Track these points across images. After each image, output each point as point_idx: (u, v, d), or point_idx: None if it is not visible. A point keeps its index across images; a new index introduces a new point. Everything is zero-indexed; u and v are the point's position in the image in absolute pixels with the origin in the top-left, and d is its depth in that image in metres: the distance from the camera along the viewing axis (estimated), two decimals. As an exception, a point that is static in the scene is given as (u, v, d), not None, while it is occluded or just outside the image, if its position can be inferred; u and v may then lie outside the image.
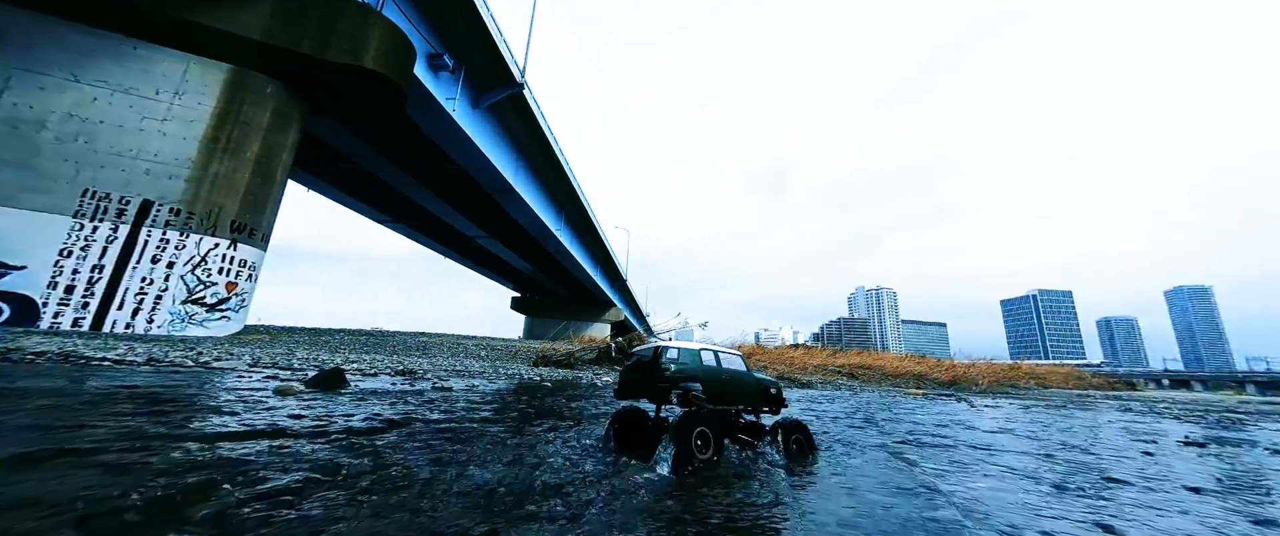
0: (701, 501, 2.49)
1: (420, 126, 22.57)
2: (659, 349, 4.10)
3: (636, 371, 4.21)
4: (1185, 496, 3.17)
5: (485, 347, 23.07)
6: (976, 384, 34.96)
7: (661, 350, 4.06)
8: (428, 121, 22.43)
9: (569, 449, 3.69)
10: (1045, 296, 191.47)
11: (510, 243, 41.37)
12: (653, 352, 4.11)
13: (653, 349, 4.17)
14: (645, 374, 4.05)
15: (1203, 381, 60.01)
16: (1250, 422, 12.57)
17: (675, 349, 4.11)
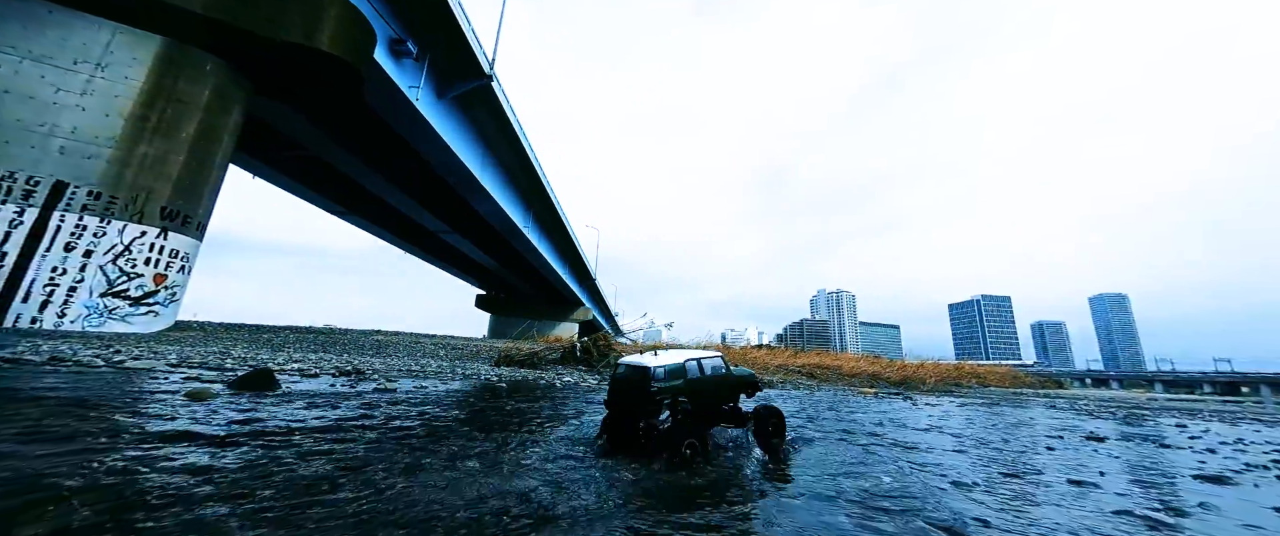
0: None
1: (380, 115, 21.63)
2: (645, 367, 4.25)
3: (624, 388, 4.35)
4: (1067, 490, 3.53)
5: (445, 347, 22.35)
6: (924, 383, 37.15)
7: (648, 369, 4.22)
8: (388, 110, 21.54)
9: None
10: (987, 301, 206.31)
11: (476, 238, 40.35)
12: (641, 371, 4.27)
13: (640, 366, 4.32)
14: (634, 391, 4.22)
15: (1119, 380, 66.39)
16: (1151, 418, 14.05)
17: (661, 367, 4.27)
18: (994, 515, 2.63)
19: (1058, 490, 3.39)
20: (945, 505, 2.82)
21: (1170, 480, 3.99)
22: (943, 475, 3.84)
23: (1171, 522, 2.53)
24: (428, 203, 32.98)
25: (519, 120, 29.44)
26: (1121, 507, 2.82)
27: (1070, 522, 2.48)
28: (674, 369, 4.33)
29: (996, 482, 3.55)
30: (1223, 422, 12.74)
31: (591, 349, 25.83)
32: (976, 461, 4.62)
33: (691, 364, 4.50)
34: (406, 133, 22.83)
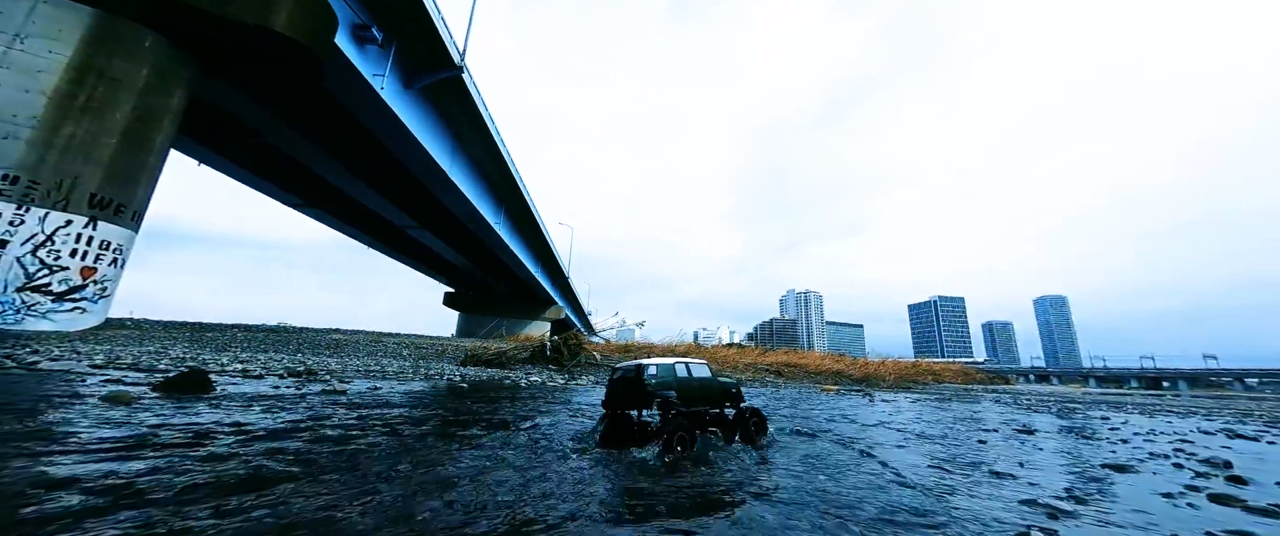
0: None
1: (342, 103, 20.67)
2: (641, 366, 4.87)
3: (622, 385, 4.93)
4: (985, 480, 3.81)
5: (409, 346, 21.62)
6: (884, 380, 38.86)
7: (643, 367, 4.84)
8: (351, 99, 20.62)
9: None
10: (943, 302, 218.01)
11: (444, 234, 39.19)
12: (636, 369, 4.88)
13: (636, 366, 4.92)
14: (630, 387, 4.77)
15: (1058, 376, 71.50)
16: (1082, 411, 15.24)
17: (654, 366, 4.88)
18: (907, 504, 2.81)
19: (977, 480, 3.66)
20: (871, 500, 2.99)
21: (1080, 469, 4.38)
22: (880, 467, 4.06)
23: (1069, 509, 2.79)
24: (394, 196, 31.81)
25: (491, 115, 28.79)
26: (1029, 496, 3.08)
27: (980, 511, 2.69)
28: (665, 369, 4.89)
29: (925, 474, 3.79)
30: (1142, 415, 13.93)
31: (561, 348, 25.60)
32: (913, 454, 4.92)
33: (680, 367, 5.07)
34: (371, 123, 21.93)
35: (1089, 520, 2.62)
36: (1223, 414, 14.99)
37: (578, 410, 7.47)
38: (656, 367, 4.88)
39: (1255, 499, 3.47)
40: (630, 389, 4.79)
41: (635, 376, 4.81)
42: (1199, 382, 57.84)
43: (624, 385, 4.90)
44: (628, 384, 4.85)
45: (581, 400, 9.30)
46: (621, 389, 4.92)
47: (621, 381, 4.97)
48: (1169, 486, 3.79)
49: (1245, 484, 4.12)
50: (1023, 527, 2.28)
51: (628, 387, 4.83)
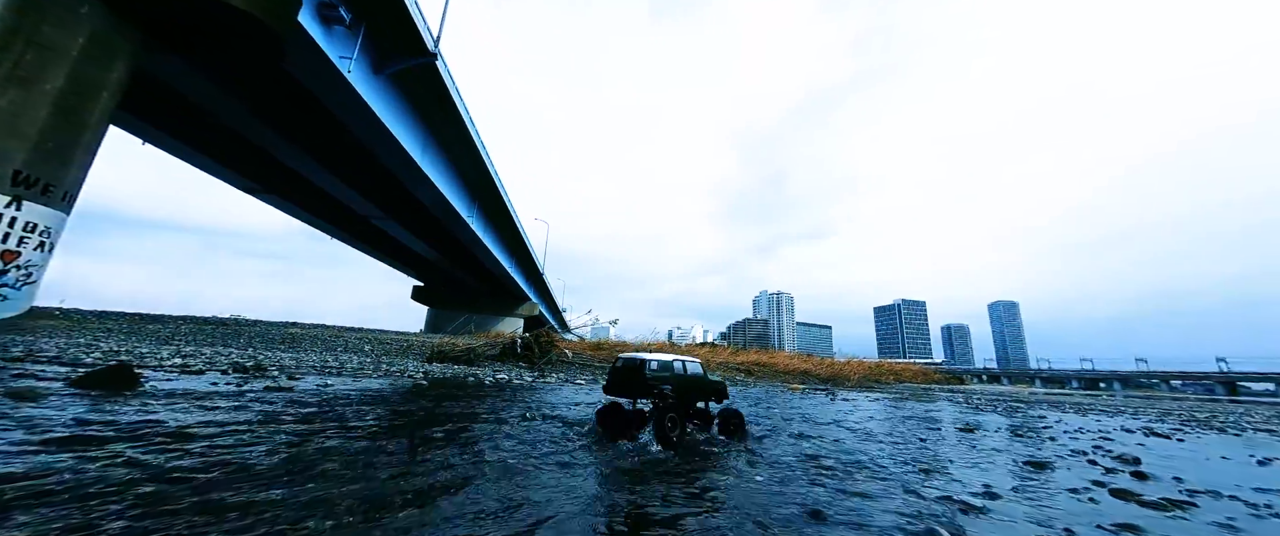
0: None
1: (305, 86, 19.74)
2: (643, 359, 5.39)
3: (624, 374, 5.46)
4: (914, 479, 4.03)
5: (372, 341, 20.88)
6: (849, 379, 40.27)
7: (645, 361, 5.35)
8: (315, 81, 19.71)
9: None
10: (906, 305, 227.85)
11: (414, 226, 38.00)
12: (639, 362, 5.41)
13: (638, 358, 5.45)
14: (631, 377, 5.30)
15: (1008, 377, 75.91)
16: (1025, 410, 16.23)
17: (654, 360, 5.41)
18: (831, 503, 2.95)
19: (904, 479, 3.87)
20: (796, 499, 3.13)
21: (1004, 467, 4.69)
22: (815, 467, 4.23)
23: (980, 505, 2.99)
24: (360, 185, 30.61)
25: (466, 106, 28.10)
26: (948, 493, 3.29)
27: (898, 508, 2.85)
28: (664, 363, 5.45)
29: (854, 472, 3.98)
30: (1077, 414, 14.93)
31: (532, 345, 25.33)
32: (856, 453, 5.14)
33: (676, 362, 5.63)
34: (336, 108, 21.02)
35: (996, 516, 2.81)
36: (1147, 413, 16.23)
37: (539, 413, 7.43)
38: (657, 362, 5.39)
39: (1152, 493, 3.81)
40: (631, 378, 5.28)
41: (638, 368, 5.31)
42: (1131, 384, 62.57)
43: (626, 374, 5.40)
44: (630, 373, 5.34)
45: (547, 400, 9.24)
46: (623, 377, 5.42)
47: (624, 371, 5.45)
48: (1079, 482, 4.11)
49: (1147, 479, 4.52)
50: (933, 524, 2.43)
51: (629, 376, 5.33)
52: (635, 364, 5.40)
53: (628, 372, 5.40)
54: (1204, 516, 3.15)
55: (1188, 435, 9.41)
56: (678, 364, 5.60)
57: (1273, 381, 52.54)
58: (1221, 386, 55.60)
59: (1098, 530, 2.64)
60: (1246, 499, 3.85)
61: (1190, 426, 11.64)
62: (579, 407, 7.79)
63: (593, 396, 10.44)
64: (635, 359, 5.46)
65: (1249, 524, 3.10)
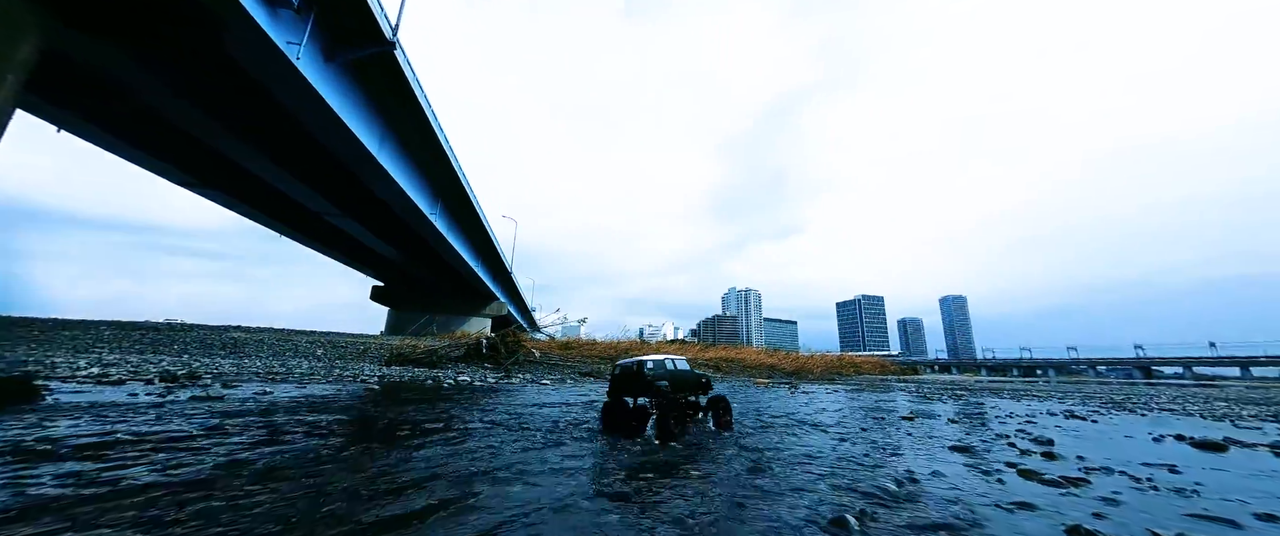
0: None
1: (250, 73, 18.49)
2: (640, 362, 6.11)
3: (625, 376, 6.26)
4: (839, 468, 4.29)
5: (326, 345, 19.84)
6: (812, 372, 41.71)
7: (642, 363, 6.07)
8: (261, 69, 18.51)
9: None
10: (866, 300, 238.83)
11: (372, 224, 36.38)
12: (637, 365, 6.14)
13: (638, 361, 6.17)
14: (632, 377, 6.07)
15: (957, 366, 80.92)
16: (967, 396, 17.37)
17: (650, 361, 6.11)
18: (750, 495, 3.10)
19: (836, 467, 4.09)
20: (721, 493, 3.26)
21: (928, 453, 5.04)
22: (751, 458, 4.41)
23: (895, 489, 3.22)
24: (313, 180, 29.02)
25: (429, 99, 27.11)
26: (873, 480, 3.50)
27: (821, 497, 3.03)
28: (657, 363, 6.15)
29: (788, 462, 4.17)
30: (1012, 399, 16.10)
31: (499, 345, 24.83)
32: (795, 444, 5.38)
33: (669, 362, 6.34)
34: (285, 97, 19.82)
35: (910, 499, 3.03)
36: (1073, 397, 17.72)
37: (496, 419, 7.32)
38: (653, 363, 6.08)
39: (1054, 472, 4.19)
40: (633, 379, 6.03)
41: (636, 370, 6.09)
42: (1064, 370, 68.09)
43: (627, 376, 6.18)
44: (631, 375, 6.12)
45: (508, 405, 9.11)
46: (625, 380, 6.18)
47: (625, 374, 6.25)
48: (994, 464, 4.47)
49: (1054, 459, 4.96)
50: (846, 513, 2.60)
51: (630, 378, 6.09)
52: (634, 366, 6.15)
53: (628, 375, 6.18)
54: (1094, 492, 3.50)
55: (1102, 416, 10.34)
56: (669, 362, 6.29)
57: (1181, 365, 58.60)
58: (1139, 371, 61.46)
59: (995, 508, 2.89)
60: (1135, 474, 4.30)
61: (1106, 408, 12.80)
62: (546, 411, 7.72)
63: (559, 397, 10.37)
64: (633, 362, 6.23)
65: (1130, 496, 3.47)
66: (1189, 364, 57.52)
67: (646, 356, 6.22)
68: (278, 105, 20.28)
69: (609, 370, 27.33)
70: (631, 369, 6.17)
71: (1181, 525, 2.77)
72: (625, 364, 6.32)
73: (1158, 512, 3.04)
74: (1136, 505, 3.18)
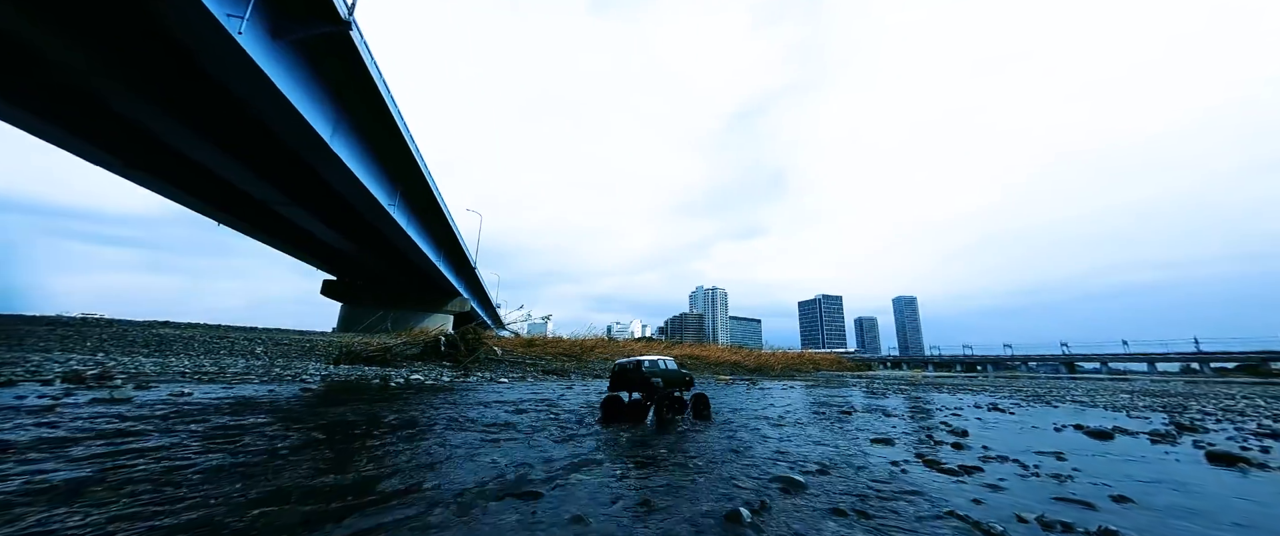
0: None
1: (179, 41, 17.10)
2: (638, 361, 7.00)
3: (625, 373, 7.06)
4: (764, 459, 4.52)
5: (268, 342, 18.63)
6: (773, 369, 42.99)
7: (640, 362, 6.98)
8: (198, 43, 17.16)
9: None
10: (826, 300, 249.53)
11: (324, 214, 34.51)
12: (635, 364, 7.01)
13: (635, 360, 7.05)
14: (632, 375, 6.90)
15: (907, 362, 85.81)
16: (910, 390, 18.45)
17: (646, 360, 7.02)
18: (658, 489, 3.22)
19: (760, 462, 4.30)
20: (634, 485, 3.37)
21: (852, 445, 5.37)
22: (684, 451, 4.57)
23: (802, 481, 3.42)
24: (258, 167, 27.21)
25: (388, 86, 25.93)
26: (785, 474, 3.70)
27: (728, 491, 3.18)
28: (654, 361, 7.11)
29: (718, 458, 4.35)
30: (949, 393, 17.20)
31: (459, 343, 24.16)
32: (733, 438, 5.60)
33: (660, 361, 7.24)
34: (227, 77, 18.48)
35: (810, 491, 3.23)
36: (1003, 391, 19.14)
37: (445, 417, 7.16)
38: (647, 362, 7.03)
39: (955, 462, 4.56)
40: (631, 375, 6.92)
41: (634, 368, 6.96)
42: (1000, 366, 73.53)
43: (626, 373, 7.04)
44: (629, 372, 7.01)
45: (458, 404, 8.92)
46: (624, 376, 7.05)
47: (623, 371, 7.11)
48: (903, 455, 4.82)
49: (962, 449, 5.39)
50: (740, 506, 2.75)
51: (629, 375, 6.97)
52: (632, 365, 7.04)
53: (627, 372, 7.07)
54: (983, 479, 3.85)
55: (1022, 408, 11.26)
56: (660, 362, 7.21)
57: (1099, 361, 64.69)
58: (1064, 366, 67.34)
59: (883, 498, 3.13)
60: (1026, 461, 4.74)
61: (1028, 401, 13.93)
62: (490, 412, 7.62)
63: (514, 395, 10.23)
64: (632, 362, 7.12)
65: (1013, 482, 3.83)
66: (1105, 360, 63.53)
67: (643, 356, 7.13)
68: (215, 83, 18.87)
69: (573, 367, 27.18)
70: (629, 367, 7.01)
71: (1046, 508, 3.09)
72: (624, 362, 7.14)
73: (1031, 497, 3.38)
74: (1016, 490, 3.53)
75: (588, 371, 26.11)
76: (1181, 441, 6.47)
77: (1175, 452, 5.64)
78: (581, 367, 27.65)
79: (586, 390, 12.38)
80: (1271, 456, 5.67)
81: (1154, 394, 18.71)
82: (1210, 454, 5.39)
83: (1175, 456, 5.41)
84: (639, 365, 6.90)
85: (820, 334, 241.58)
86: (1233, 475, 4.50)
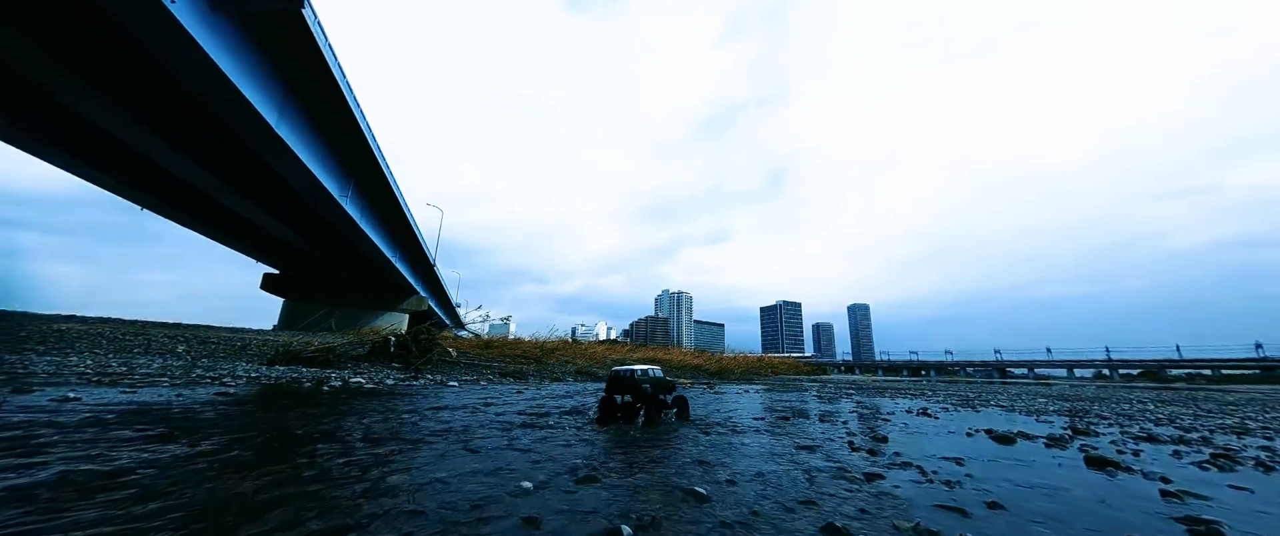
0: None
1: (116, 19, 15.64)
2: (632, 370, 7.96)
3: (619, 379, 8.00)
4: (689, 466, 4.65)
5: (191, 340, 17.16)
6: (733, 373, 43.91)
7: (633, 371, 7.95)
8: (128, 11, 15.66)
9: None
10: (786, 306, 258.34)
11: (270, 205, 32.37)
12: (629, 372, 7.97)
13: (629, 369, 8.05)
14: (626, 381, 7.84)
15: (859, 367, 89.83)
16: (857, 395, 19.30)
17: (639, 369, 8.07)
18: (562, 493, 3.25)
19: (675, 468, 4.40)
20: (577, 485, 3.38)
21: (779, 451, 5.60)
22: (614, 469, 4.60)
23: (707, 493, 3.53)
24: (191, 148, 25.15)
25: (344, 70, 24.64)
26: (694, 485, 3.82)
27: (623, 507, 3.25)
28: (645, 370, 8.12)
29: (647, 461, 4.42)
30: (888, 398, 18.14)
31: (410, 343, 23.24)
32: (657, 444, 5.68)
33: (652, 370, 8.24)
34: (159, 49, 16.93)
35: (715, 501, 3.34)
36: (938, 396, 20.33)
37: (370, 432, 6.87)
38: (640, 371, 8.00)
39: (862, 469, 4.83)
40: (625, 382, 7.87)
41: (628, 376, 7.91)
42: (942, 371, 78.51)
43: (620, 379, 7.98)
44: (623, 378, 7.95)
45: (400, 414, 8.58)
46: (620, 382, 7.96)
47: (618, 377, 8.04)
48: (821, 462, 5.08)
49: (875, 455, 5.73)
50: (622, 523, 2.80)
51: (623, 381, 7.91)
52: (626, 372, 7.98)
53: (621, 378, 7.98)
54: (880, 487, 4.10)
55: (947, 414, 12.01)
56: (651, 370, 8.12)
57: (1026, 367, 70.45)
58: (997, 371, 72.82)
59: (782, 507, 3.29)
60: (928, 467, 5.09)
61: (955, 405, 14.89)
62: (428, 420, 7.36)
63: (457, 400, 9.92)
64: (626, 370, 8.03)
65: (908, 489, 4.10)
66: (1032, 366, 69.23)
67: (636, 366, 8.18)
68: (152, 62, 17.30)
69: (533, 370, 26.67)
70: (624, 375, 7.94)
71: (924, 515, 3.34)
72: (619, 370, 8.05)
73: (917, 504, 3.63)
74: (905, 498, 3.78)
75: (547, 374, 25.75)
76: (1071, 445, 7.12)
77: (1062, 457, 6.21)
78: (541, 370, 27.23)
79: (538, 396, 12.19)
80: (1141, 459, 6.35)
81: (1067, 398, 20.45)
82: (1089, 458, 5.97)
83: (1060, 460, 5.95)
84: (632, 373, 7.91)
85: (780, 339, 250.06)
86: (1102, 478, 5.00)
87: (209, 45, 17.40)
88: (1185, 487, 4.41)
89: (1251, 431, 9.31)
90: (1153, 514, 3.59)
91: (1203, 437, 8.18)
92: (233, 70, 18.99)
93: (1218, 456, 6.42)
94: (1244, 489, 4.59)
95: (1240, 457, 6.36)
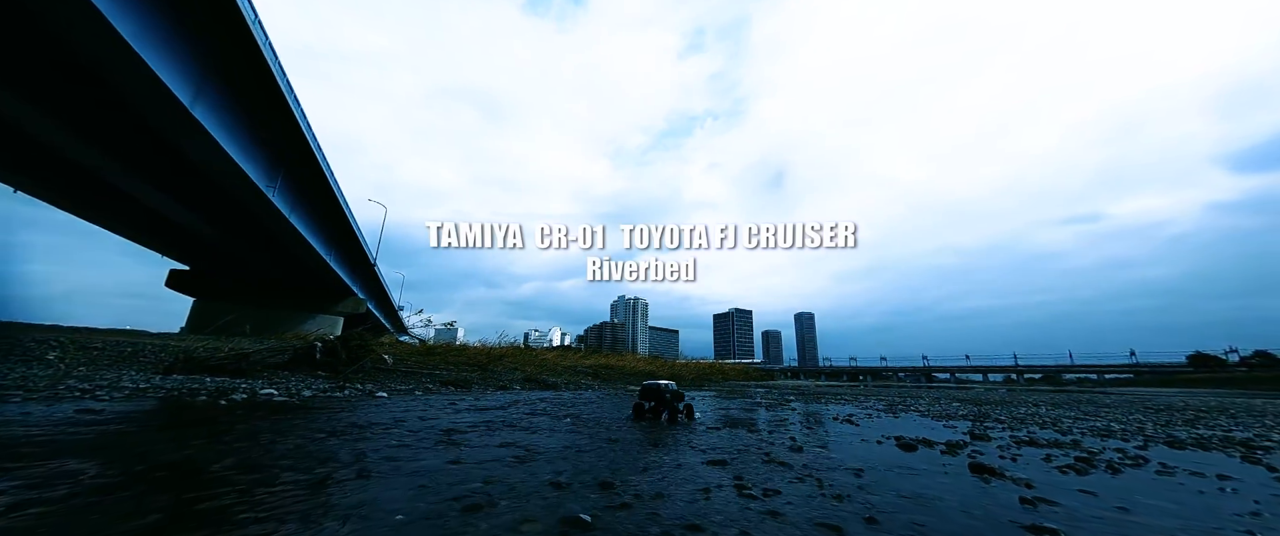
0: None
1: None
2: (657, 383, 9.46)
3: (652, 391, 9.41)
4: (573, 495, 4.59)
5: (68, 345, 14.94)
6: (684, 379, 44.45)
7: (659, 383, 9.42)
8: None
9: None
10: (738, 313, 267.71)
11: (178, 192, 29.21)
12: (658, 383, 9.44)
13: (659, 382, 9.49)
14: (652, 391, 9.36)
15: (804, 372, 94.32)
16: (793, 399, 20.09)
17: (663, 382, 9.49)
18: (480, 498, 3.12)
19: (565, 491, 4.34)
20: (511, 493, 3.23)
21: (689, 466, 5.67)
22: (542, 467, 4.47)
23: (588, 520, 3.50)
24: (85, 128, 22.24)
25: (273, 45, 22.73)
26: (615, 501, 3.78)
27: (547, 525, 3.16)
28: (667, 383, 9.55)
29: (524, 493, 4.29)
30: (824, 403, 18.97)
31: (338, 349, 21.56)
32: (606, 455, 5.57)
33: (670, 384, 9.55)
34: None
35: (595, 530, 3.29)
36: (868, 401, 21.53)
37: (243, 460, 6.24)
38: (663, 384, 9.47)
39: (763, 484, 5.01)
40: (652, 391, 9.37)
41: (655, 387, 9.38)
42: (878, 376, 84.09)
43: (649, 389, 9.45)
44: (651, 388, 9.43)
45: (309, 432, 7.87)
46: (648, 391, 9.42)
47: (648, 388, 9.50)
48: (726, 478, 5.19)
49: (783, 467, 5.98)
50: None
51: (651, 391, 9.39)
52: (653, 385, 9.47)
53: (648, 388, 9.49)
54: (771, 504, 4.22)
55: (868, 420, 12.65)
56: (670, 385, 9.55)
57: (948, 372, 77.10)
58: (924, 376, 79.10)
59: (667, 531, 3.30)
60: (826, 479, 5.33)
61: (879, 411, 15.82)
62: (331, 442, 6.78)
63: (386, 415, 9.21)
64: (653, 382, 9.51)
65: (798, 505, 4.26)
66: (954, 371, 75.84)
67: (661, 381, 9.71)
68: (31, 14, 15.11)
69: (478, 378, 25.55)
70: (651, 387, 9.52)
71: (803, 533, 3.49)
72: (649, 383, 9.65)
73: (799, 521, 3.78)
74: (791, 516, 3.92)
75: (493, 382, 24.74)
76: (963, 452, 7.74)
77: (950, 464, 6.74)
78: (486, 379, 26.14)
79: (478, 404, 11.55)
80: (1017, 463, 7.02)
81: (979, 402, 22.34)
82: (972, 465, 6.51)
83: (948, 468, 6.45)
84: (658, 385, 9.63)
85: (732, 345, 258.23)
86: (977, 485, 5.45)
87: (103, 3, 15.49)
88: (1042, 493, 4.86)
89: (1114, 433, 10.57)
90: (1005, 522, 3.92)
91: (1074, 441, 9.15)
92: (135, 36, 16.99)
93: (1080, 459, 7.21)
94: (1091, 493, 5.12)
95: (1096, 460, 7.17)
